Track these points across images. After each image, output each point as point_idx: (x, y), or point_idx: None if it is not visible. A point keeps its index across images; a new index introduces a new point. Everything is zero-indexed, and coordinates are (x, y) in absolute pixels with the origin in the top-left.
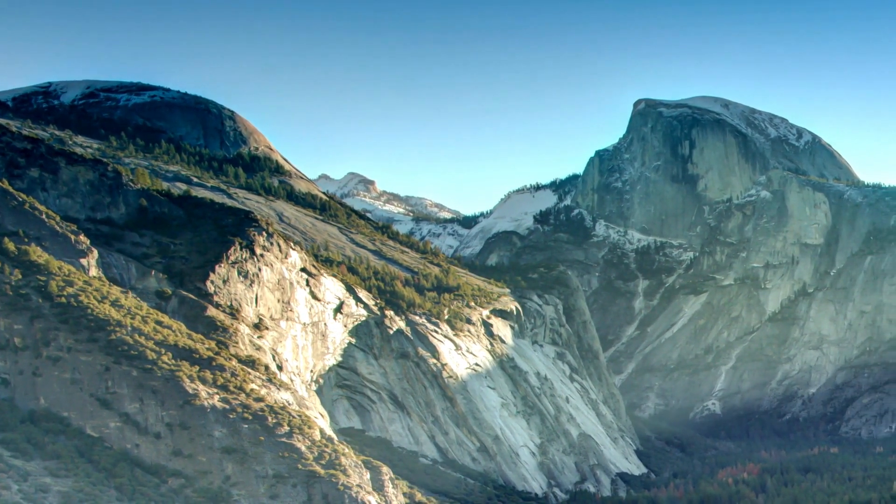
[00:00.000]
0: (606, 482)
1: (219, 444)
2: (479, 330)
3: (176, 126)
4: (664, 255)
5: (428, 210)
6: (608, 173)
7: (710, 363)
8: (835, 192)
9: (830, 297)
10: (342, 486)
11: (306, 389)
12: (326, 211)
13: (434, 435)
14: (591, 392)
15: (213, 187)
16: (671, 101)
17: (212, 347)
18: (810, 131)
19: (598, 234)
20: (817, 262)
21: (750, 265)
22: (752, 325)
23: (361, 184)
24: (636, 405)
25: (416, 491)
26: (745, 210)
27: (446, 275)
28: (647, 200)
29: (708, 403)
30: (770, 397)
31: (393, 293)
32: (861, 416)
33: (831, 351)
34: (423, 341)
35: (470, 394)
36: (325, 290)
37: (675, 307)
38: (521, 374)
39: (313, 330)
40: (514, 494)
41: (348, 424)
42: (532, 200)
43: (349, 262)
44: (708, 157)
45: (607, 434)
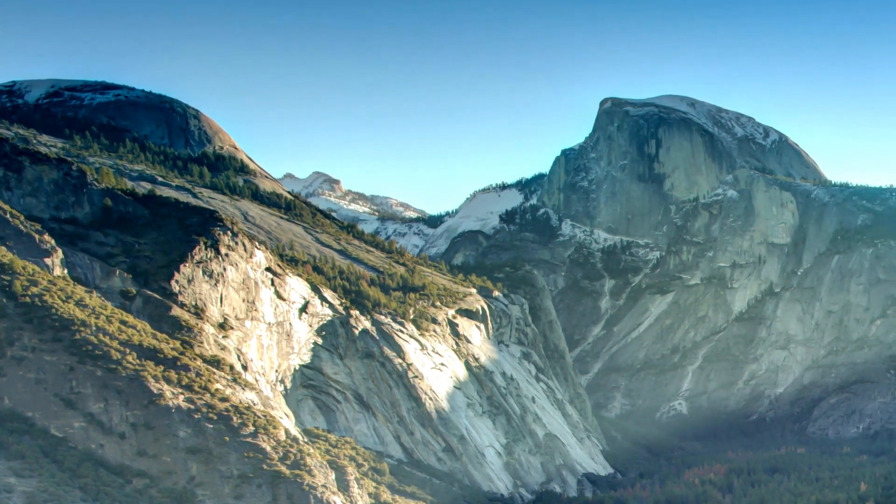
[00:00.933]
0: (573, 482)
1: (183, 444)
2: (444, 330)
3: (140, 125)
4: (630, 255)
5: (393, 209)
6: (574, 172)
7: (676, 363)
8: (802, 191)
9: (797, 297)
10: (307, 487)
11: (271, 389)
12: (291, 210)
13: (399, 435)
14: (557, 392)
15: (178, 186)
16: (638, 99)
17: (176, 347)
18: (777, 130)
19: (565, 234)
20: (784, 262)
21: (716, 265)
22: (718, 325)
23: (327, 183)
24: (602, 405)
25: (382, 491)
26: (712, 209)
27: (412, 274)
28: (614, 200)
29: (674, 403)
30: (737, 397)
31: (358, 293)
32: (828, 416)
33: (798, 351)
34: (389, 341)
35: (435, 394)
36: (290, 290)
37: (642, 307)
38: (487, 373)
39: (278, 330)
40: (480, 495)
41: (313, 424)
42: (498, 200)
43: (314, 261)
44: (674, 156)
45: (573, 434)
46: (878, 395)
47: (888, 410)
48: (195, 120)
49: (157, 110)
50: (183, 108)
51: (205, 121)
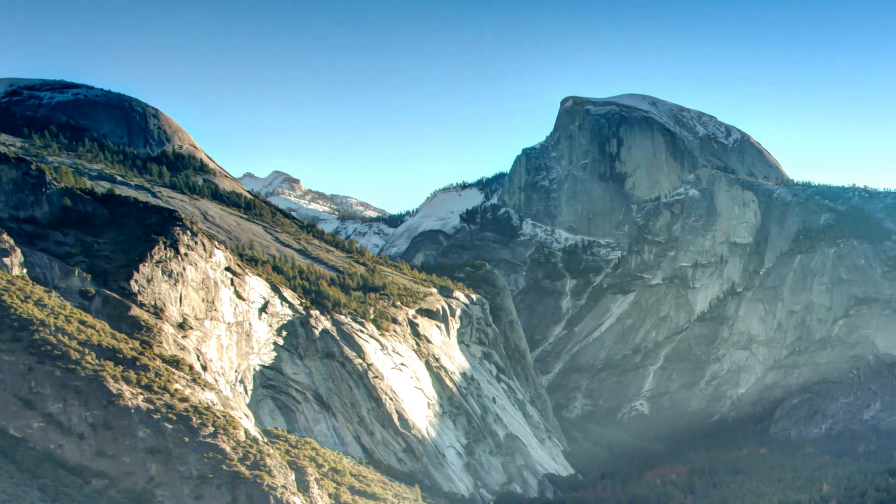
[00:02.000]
0: (534, 483)
1: (143, 444)
2: (405, 330)
3: (100, 124)
4: (592, 255)
5: (353, 209)
6: (535, 172)
7: (638, 363)
8: (764, 190)
9: (760, 297)
10: (267, 487)
11: (231, 390)
12: (251, 210)
13: (359, 435)
14: (518, 392)
15: (138, 186)
16: (599, 98)
17: (136, 347)
18: (739, 129)
19: (525, 233)
20: (746, 262)
21: (678, 264)
22: (680, 325)
23: (286, 182)
24: (563, 405)
25: (342, 492)
26: (674, 209)
27: (372, 274)
28: (575, 199)
29: (636, 404)
30: (699, 398)
31: (318, 293)
32: (790, 416)
33: (760, 351)
34: (349, 341)
35: (396, 394)
36: (249, 290)
37: (603, 307)
38: (448, 374)
39: (238, 329)
40: (441, 495)
41: (273, 425)
42: (458, 199)
43: (274, 261)
44: (636, 155)
45: (534, 435)
46: (841, 395)
47: (851, 411)
48: (154, 119)
49: (116, 109)
50: (142, 107)
51: (164, 120)
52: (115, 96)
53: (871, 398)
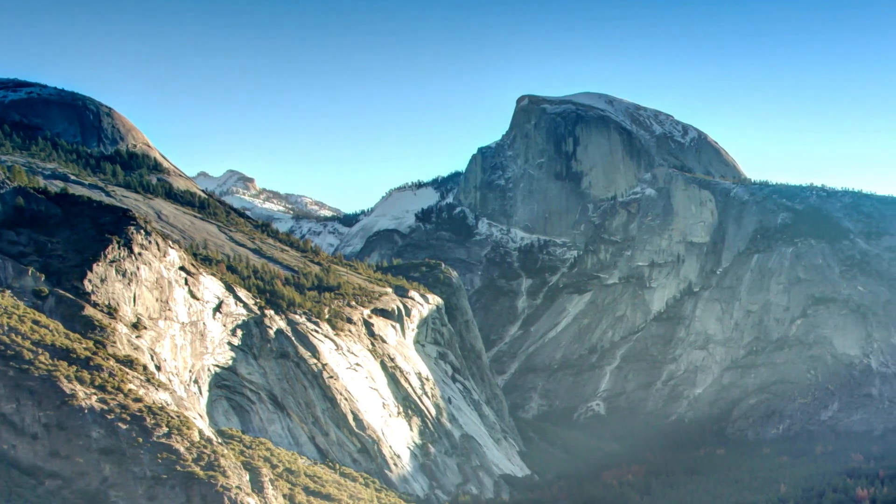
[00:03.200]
0: (489, 484)
1: (96, 444)
2: (360, 329)
3: (53, 123)
4: (548, 254)
5: (308, 208)
6: (491, 171)
7: (594, 363)
8: (721, 189)
9: (717, 297)
10: (221, 488)
11: (185, 390)
12: (205, 209)
13: (314, 436)
14: (474, 392)
15: (91, 185)
16: (555, 97)
17: (89, 347)
18: (696, 128)
19: (481, 233)
20: (703, 261)
21: (635, 264)
22: (636, 325)
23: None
24: (519, 406)
25: (297, 492)
26: (630, 208)
27: (327, 274)
28: (531, 198)
29: (592, 404)
30: (655, 398)
31: (273, 292)
32: (747, 417)
33: (717, 351)
34: (304, 341)
35: (351, 394)
36: (203, 290)
37: (559, 306)
38: (403, 374)
39: (192, 329)
40: (396, 496)
41: (227, 425)
42: (414, 198)
43: (228, 260)
44: (592, 154)
45: (490, 435)
46: (799, 395)
47: (808, 411)
48: (108, 118)
49: (69, 108)
50: (96, 105)
51: (118, 119)
52: (69, 95)
53: (828, 399)
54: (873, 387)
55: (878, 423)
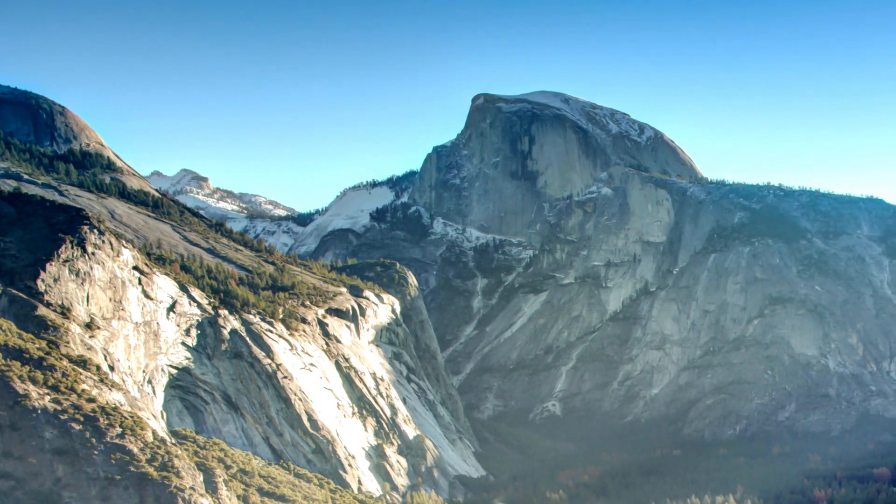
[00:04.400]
0: (444, 484)
1: (49, 445)
2: (314, 329)
3: (6, 122)
4: (503, 254)
5: (262, 208)
6: (446, 170)
7: (550, 363)
8: (677, 188)
9: (673, 297)
10: (175, 489)
11: (139, 390)
12: (159, 208)
13: (268, 436)
14: (429, 393)
15: (45, 184)
16: (511, 96)
17: (42, 347)
18: (652, 127)
19: (436, 232)
20: (660, 261)
21: (591, 263)
22: (592, 325)
23: (194, 181)
24: (475, 406)
25: (251, 493)
26: (586, 207)
27: (281, 273)
28: (486, 197)
29: (548, 404)
30: (611, 398)
31: (227, 292)
32: (704, 417)
33: (674, 351)
34: (258, 341)
35: (305, 395)
36: (157, 289)
37: (515, 306)
38: (357, 374)
39: (146, 329)
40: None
41: (181, 425)
42: (368, 198)
43: (182, 260)
44: (548, 153)
45: (445, 436)
46: (755, 396)
47: (765, 412)
48: (61, 117)
49: (22, 107)
50: (49, 104)
51: (71, 118)
52: (22, 94)
53: (785, 399)
54: (831, 387)
55: (836, 424)
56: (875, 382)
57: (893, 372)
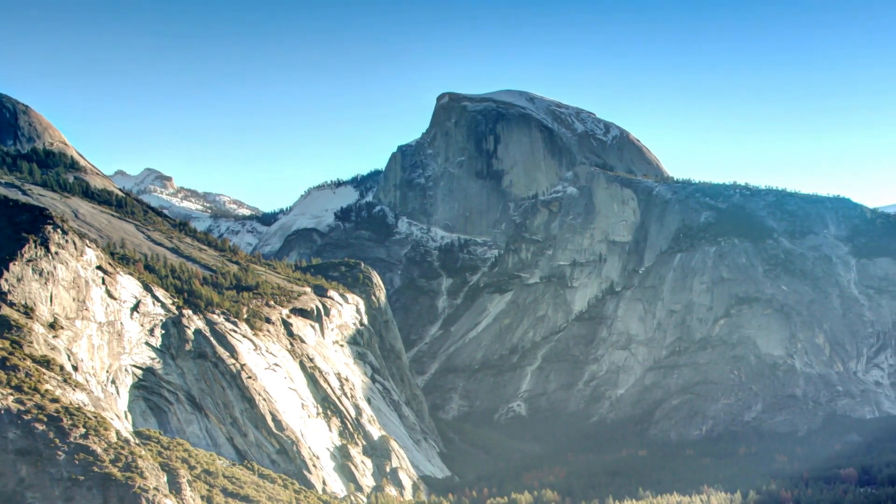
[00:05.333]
0: (409, 485)
1: (13, 445)
2: (278, 329)
3: None
4: (468, 253)
5: (226, 207)
6: (411, 169)
7: (515, 363)
8: (643, 188)
9: (639, 296)
10: (139, 489)
11: (102, 390)
12: (123, 208)
13: (232, 437)
14: (394, 393)
15: (8, 184)
16: (476, 95)
17: (6, 347)
18: (618, 126)
19: (401, 232)
20: (625, 260)
21: (556, 263)
22: (558, 325)
23: (158, 180)
24: (439, 406)
25: (215, 494)
26: (552, 206)
27: (245, 273)
28: (451, 197)
29: (513, 405)
30: (577, 398)
31: (191, 292)
32: (670, 417)
33: (640, 351)
34: (222, 341)
35: (269, 395)
36: (121, 289)
37: (480, 306)
38: (322, 374)
39: (109, 329)
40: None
41: (145, 425)
42: (333, 197)
43: (146, 260)
44: (513, 152)
45: (410, 436)
46: (722, 396)
47: (731, 412)
48: (24, 116)
49: None
50: (12, 104)
51: (34, 117)
52: None
53: (752, 399)
54: (797, 387)
55: (802, 424)
56: (842, 383)
57: (860, 372)
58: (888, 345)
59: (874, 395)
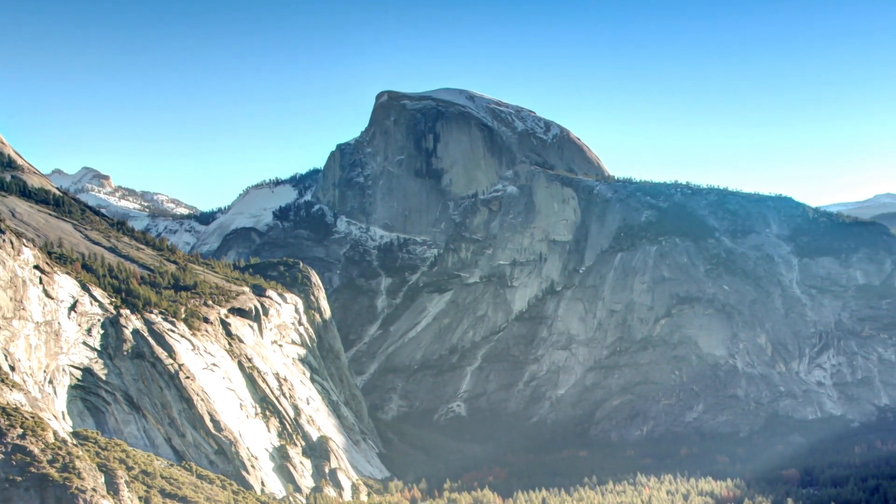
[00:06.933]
0: (348, 486)
1: None
2: (217, 329)
3: None
4: (407, 253)
5: (164, 206)
6: (350, 168)
7: (455, 363)
8: (584, 187)
9: (579, 296)
10: (76, 490)
11: (39, 390)
12: (61, 207)
13: (170, 437)
14: (332, 393)
15: None
16: (415, 93)
17: None
18: (559, 124)
19: (340, 231)
20: (566, 260)
21: (496, 262)
22: (498, 325)
23: (96, 179)
24: (379, 406)
25: (153, 495)
26: (492, 205)
27: (183, 272)
28: (390, 196)
29: (453, 405)
30: (517, 399)
31: (129, 291)
32: (611, 418)
33: (580, 351)
34: (160, 341)
35: (207, 395)
36: (58, 289)
37: (419, 306)
38: (260, 374)
39: (47, 329)
40: (254, 498)
41: (83, 426)
42: (272, 196)
43: (84, 259)
44: (453, 150)
45: (349, 436)
46: (663, 396)
47: (673, 413)
48: None
49: None
50: None
51: None
52: None
53: (693, 400)
54: (739, 388)
55: (744, 425)
56: (784, 383)
57: (802, 372)
58: (830, 345)
59: (816, 395)
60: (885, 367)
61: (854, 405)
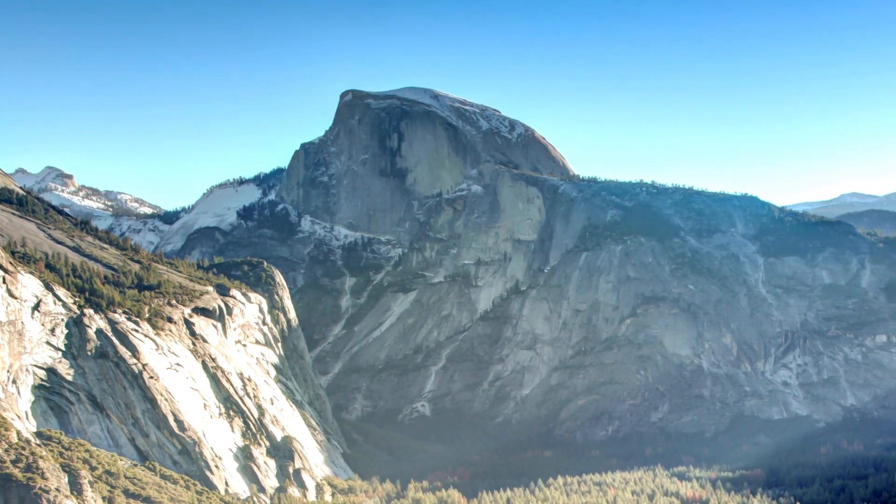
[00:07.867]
0: (312, 486)
1: None
2: (180, 329)
3: None
4: (372, 252)
5: (128, 205)
6: (314, 167)
7: (419, 363)
8: (549, 186)
9: (544, 296)
10: (40, 490)
11: (2, 390)
12: (24, 206)
13: (134, 437)
14: (297, 393)
15: None
16: (380, 92)
17: None
18: (523, 123)
19: (304, 230)
20: (531, 259)
21: (461, 262)
22: (462, 325)
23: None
24: (343, 406)
25: (117, 495)
26: (456, 205)
27: (147, 272)
28: (355, 195)
29: (417, 405)
30: (482, 399)
31: (92, 291)
32: (576, 418)
33: (545, 351)
34: (123, 340)
35: (171, 395)
36: (22, 288)
37: (384, 305)
38: (224, 374)
39: (10, 329)
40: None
41: (46, 426)
42: (235, 195)
43: (47, 258)
44: (417, 150)
45: (313, 436)
46: (628, 396)
47: (638, 413)
48: None
49: None
50: None
51: None
52: None
53: (658, 400)
54: (704, 388)
55: (710, 425)
56: (749, 383)
57: (768, 372)
58: (796, 345)
59: (782, 395)
60: (850, 367)
61: (820, 405)
